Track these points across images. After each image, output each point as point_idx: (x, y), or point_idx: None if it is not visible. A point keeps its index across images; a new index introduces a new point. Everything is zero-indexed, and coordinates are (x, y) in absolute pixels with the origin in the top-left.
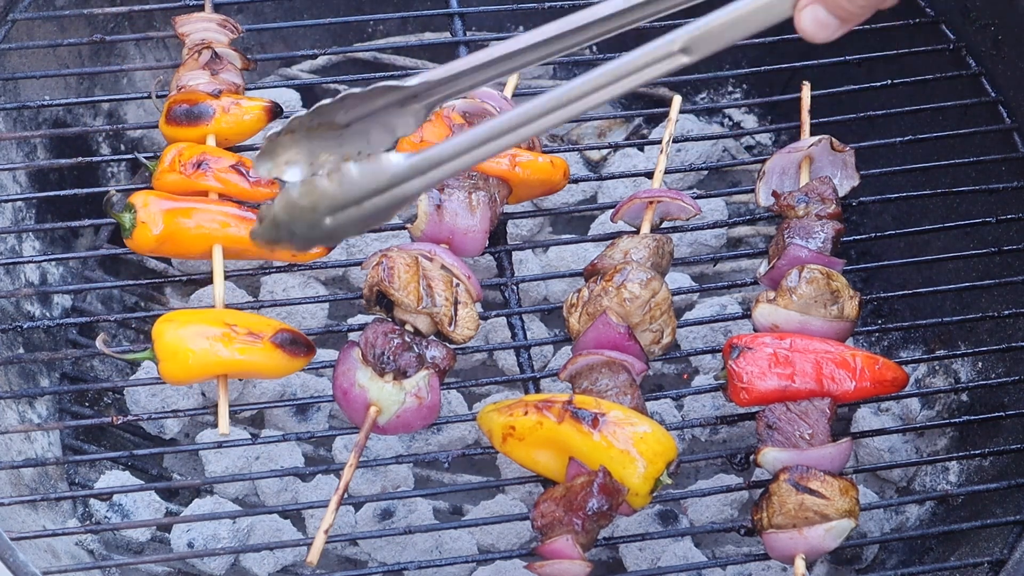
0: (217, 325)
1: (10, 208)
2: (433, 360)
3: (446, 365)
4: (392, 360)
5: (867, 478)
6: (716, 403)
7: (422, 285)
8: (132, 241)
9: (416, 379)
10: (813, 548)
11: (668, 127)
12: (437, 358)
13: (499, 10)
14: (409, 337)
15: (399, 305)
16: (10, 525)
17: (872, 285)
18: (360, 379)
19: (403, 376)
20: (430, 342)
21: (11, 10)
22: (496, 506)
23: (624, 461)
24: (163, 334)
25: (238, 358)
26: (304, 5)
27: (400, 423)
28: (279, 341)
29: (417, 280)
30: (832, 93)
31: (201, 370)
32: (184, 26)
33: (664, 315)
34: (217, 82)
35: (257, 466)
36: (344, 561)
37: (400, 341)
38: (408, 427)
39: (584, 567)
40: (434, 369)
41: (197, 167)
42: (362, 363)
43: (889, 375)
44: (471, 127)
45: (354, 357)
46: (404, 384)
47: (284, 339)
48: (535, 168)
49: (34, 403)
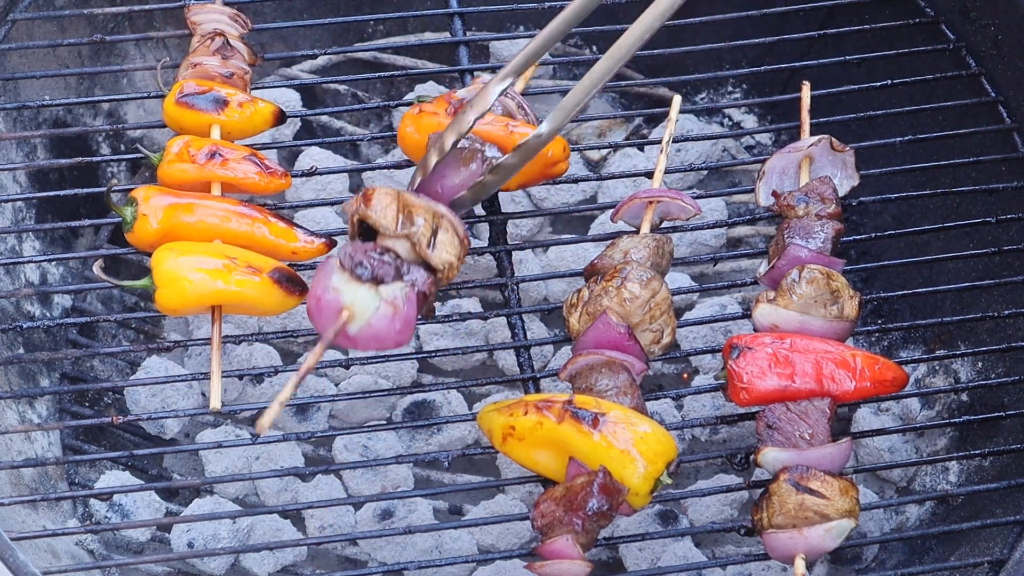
0: (217, 257)
1: (10, 208)
2: (412, 281)
3: (427, 288)
4: (369, 267)
5: (867, 478)
6: (716, 403)
7: (402, 213)
8: (133, 235)
9: (393, 287)
10: (813, 548)
11: (668, 127)
12: (417, 280)
13: (499, 10)
14: (390, 256)
15: (378, 228)
16: (10, 525)
17: (872, 285)
18: (335, 282)
19: (379, 283)
20: (411, 266)
21: (11, 10)
22: (496, 506)
23: (624, 461)
24: (163, 262)
25: (235, 290)
26: (304, 5)
27: (372, 332)
28: (277, 277)
29: (397, 206)
30: (832, 93)
31: (198, 299)
32: (197, 15)
33: (664, 315)
34: (228, 66)
35: (257, 466)
36: (344, 561)
37: (380, 253)
38: (380, 340)
39: (584, 567)
40: (412, 287)
41: (211, 157)
42: (339, 269)
43: (889, 375)
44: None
45: (331, 265)
46: (380, 290)
47: (282, 276)
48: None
49: (34, 403)
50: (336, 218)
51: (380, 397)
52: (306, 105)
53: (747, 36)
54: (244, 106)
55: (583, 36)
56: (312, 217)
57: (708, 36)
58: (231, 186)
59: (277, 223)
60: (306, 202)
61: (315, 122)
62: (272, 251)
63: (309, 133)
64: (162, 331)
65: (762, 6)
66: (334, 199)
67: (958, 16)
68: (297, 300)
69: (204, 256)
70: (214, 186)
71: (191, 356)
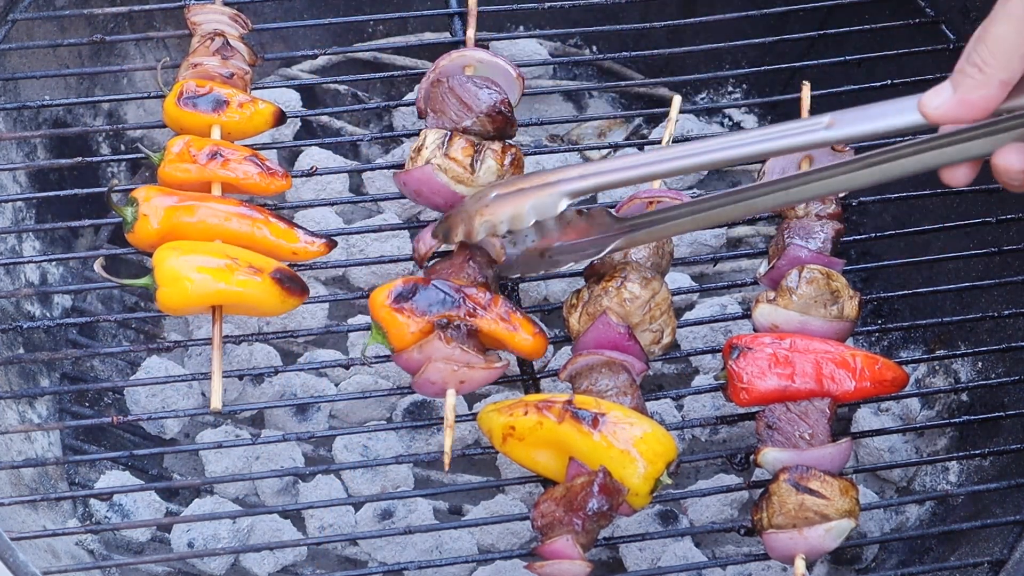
0: (219, 257)
1: (10, 208)
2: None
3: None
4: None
5: (867, 478)
6: (716, 403)
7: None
8: (133, 235)
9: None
10: (813, 548)
11: (668, 127)
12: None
13: (499, 10)
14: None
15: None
16: (10, 525)
17: (872, 285)
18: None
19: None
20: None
21: (11, 10)
22: (496, 506)
23: (624, 461)
24: (164, 261)
25: (237, 290)
26: (304, 5)
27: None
28: (278, 277)
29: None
30: (832, 93)
31: (200, 299)
32: (197, 15)
33: (664, 315)
34: (228, 66)
35: (257, 466)
36: (344, 561)
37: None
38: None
39: (584, 567)
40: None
41: (212, 157)
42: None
43: (889, 375)
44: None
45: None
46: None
47: (283, 276)
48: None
49: (34, 403)
50: (336, 218)
51: (380, 397)
52: (306, 105)
53: (747, 36)
54: (244, 106)
55: (583, 36)
56: (312, 217)
57: (708, 36)
58: (232, 187)
59: (278, 224)
60: (306, 202)
61: (315, 122)
62: (273, 252)
63: (309, 133)
64: (162, 331)
65: (762, 6)
66: (334, 199)
67: (958, 16)
68: (298, 300)
69: (206, 256)
70: (214, 186)
71: (191, 356)
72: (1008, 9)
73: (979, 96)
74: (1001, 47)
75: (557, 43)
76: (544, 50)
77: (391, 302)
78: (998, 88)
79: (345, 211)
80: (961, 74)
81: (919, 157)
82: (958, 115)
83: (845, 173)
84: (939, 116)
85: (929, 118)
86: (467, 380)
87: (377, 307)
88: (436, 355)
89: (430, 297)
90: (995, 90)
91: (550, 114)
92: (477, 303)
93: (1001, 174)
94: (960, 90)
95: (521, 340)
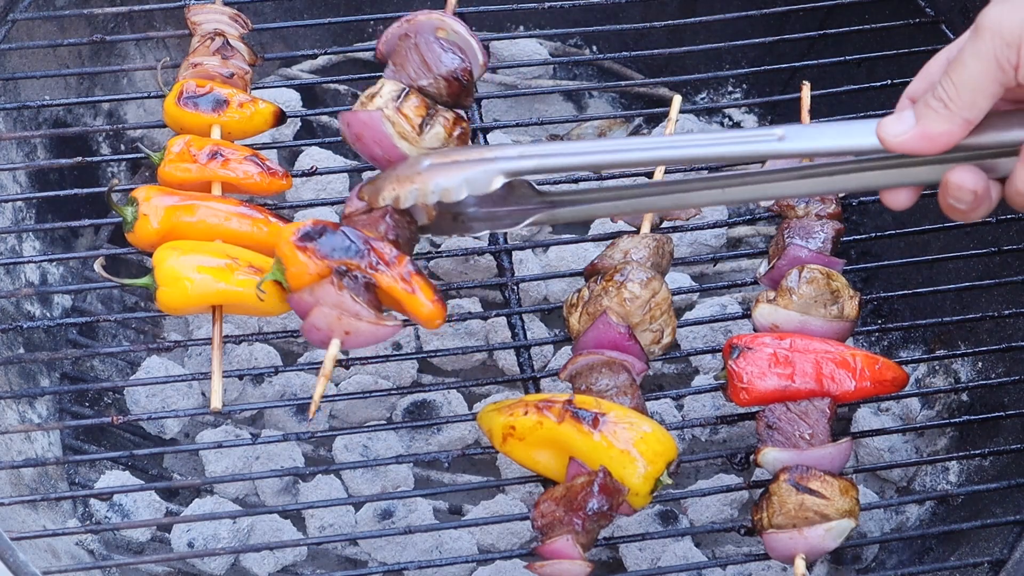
0: (219, 256)
1: (10, 208)
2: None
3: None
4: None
5: (867, 478)
6: (716, 403)
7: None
8: (133, 235)
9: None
10: (813, 548)
11: (668, 127)
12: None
13: (499, 10)
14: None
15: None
16: (10, 525)
17: (872, 285)
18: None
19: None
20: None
21: (11, 10)
22: (496, 506)
23: (624, 461)
24: (164, 260)
25: (237, 290)
26: (304, 5)
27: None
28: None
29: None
30: (832, 93)
31: (200, 299)
32: (197, 15)
33: (664, 315)
34: (229, 66)
35: (257, 466)
36: (344, 561)
37: None
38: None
39: (584, 567)
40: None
41: (212, 157)
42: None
43: (889, 375)
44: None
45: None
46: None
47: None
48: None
49: (34, 403)
50: (336, 218)
51: (380, 397)
52: (306, 105)
53: (747, 36)
54: (244, 106)
55: (583, 36)
56: (312, 217)
57: (708, 36)
58: (232, 186)
59: (278, 224)
60: (306, 202)
61: (315, 122)
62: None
63: (309, 133)
64: (162, 331)
65: (762, 6)
66: (334, 199)
67: (958, 16)
68: None
69: (206, 255)
70: (215, 186)
71: (191, 356)
72: (978, 47)
73: (941, 132)
74: (968, 86)
75: (557, 43)
76: (544, 50)
77: (296, 239)
78: (961, 126)
79: None
80: (925, 107)
81: (860, 175)
82: (917, 148)
83: (781, 180)
84: (897, 145)
85: (886, 145)
86: (353, 332)
87: (281, 243)
88: (325, 300)
89: (334, 242)
90: (958, 128)
91: (550, 114)
92: (381, 257)
93: (952, 191)
94: (923, 123)
95: (418, 304)
